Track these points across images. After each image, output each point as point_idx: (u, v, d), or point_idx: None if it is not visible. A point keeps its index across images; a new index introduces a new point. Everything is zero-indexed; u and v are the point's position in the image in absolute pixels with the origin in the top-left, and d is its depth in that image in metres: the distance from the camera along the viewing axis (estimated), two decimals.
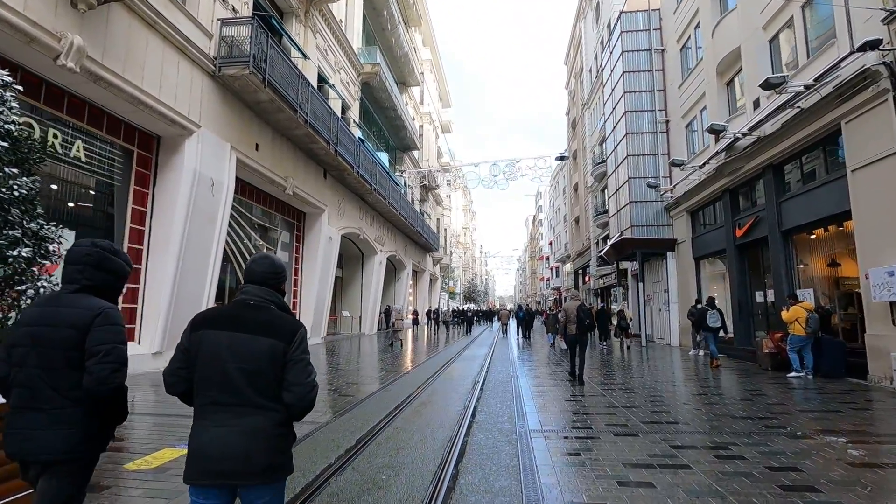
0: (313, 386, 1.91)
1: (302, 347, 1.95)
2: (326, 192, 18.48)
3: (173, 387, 1.95)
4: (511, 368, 11.24)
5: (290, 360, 1.88)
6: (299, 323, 2.02)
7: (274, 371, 1.86)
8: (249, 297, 2.00)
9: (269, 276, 2.05)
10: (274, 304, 2.03)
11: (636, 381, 9.10)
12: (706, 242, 15.71)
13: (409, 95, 34.42)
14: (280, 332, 1.92)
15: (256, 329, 1.89)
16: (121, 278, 2.31)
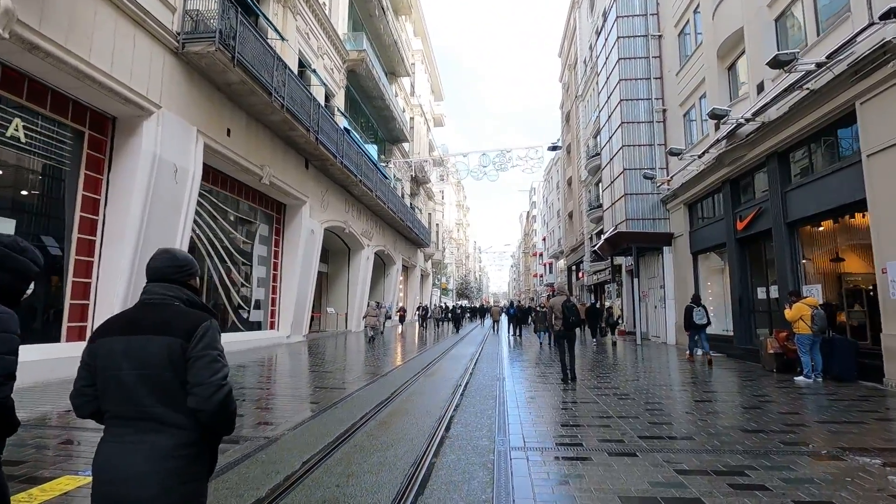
0: (220, 386, 1.65)
1: (205, 342, 1.70)
2: (308, 183, 17.62)
3: (81, 409, 1.77)
4: (498, 370, 10.47)
5: (190, 358, 1.67)
6: (205, 316, 1.80)
7: (176, 375, 1.66)
8: (150, 296, 1.84)
9: (171, 270, 1.88)
10: (179, 301, 1.84)
11: (632, 385, 8.35)
12: (705, 236, 14.99)
13: (399, 86, 33.52)
14: (177, 328, 1.71)
15: (152, 328, 1.71)
16: (23, 279, 2.07)
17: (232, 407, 1.69)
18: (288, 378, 8.92)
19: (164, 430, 1.64)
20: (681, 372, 10.24)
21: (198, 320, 1.75)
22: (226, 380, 1.70)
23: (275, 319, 16.87)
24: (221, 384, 1.67)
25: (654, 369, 10.68)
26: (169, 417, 1.64)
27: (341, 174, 19.28)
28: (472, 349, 15.46)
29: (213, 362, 1.69)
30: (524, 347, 16.27)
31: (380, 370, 10.31)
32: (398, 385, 8.19)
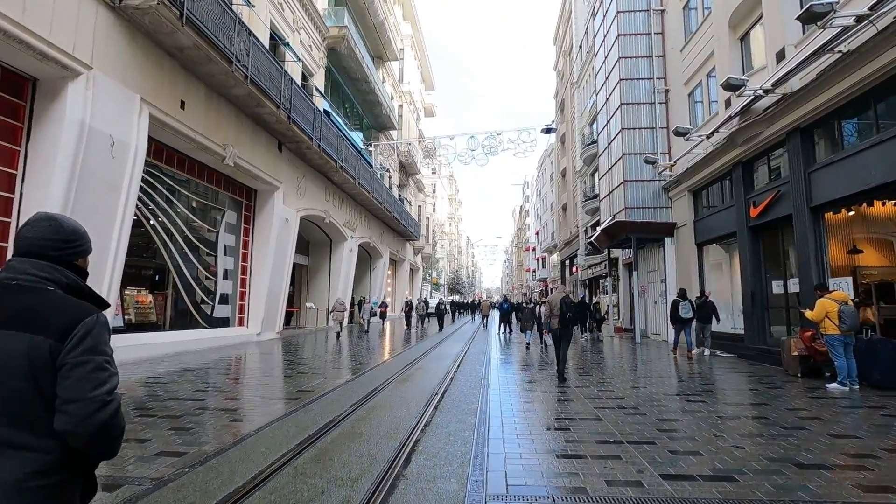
0: (103, 403, 1.28)
1: (88, 344, 1.30)
2: (282, 167, 16.21)
3: None
4: (483, 374, 9.17)
5: (64, 365, 1.27)
6: (89, 308, 1.38)
7: (37, 384, 1.26)
8: (13, 276, 1.37)
9: (52, 244, 1.42)
10: (57, 286, 1.39)
11: (638, 394, 7.09)
12: (711, 226, 13.76)
13: (387, 71, 32.05)
14: (48, 323, 1.30)
15: (11, 322, 1.29)
16: None
17: (118, 430, 1.33)
18: (231, 386, 7.58)
19: (16, 454, 1.25)
20: (690, 375, 9.00)
21: (80, 314, 1.34)
22: (113, 394, 1.32)
23: (244, 315, 15.49)
24: (106, 400, 1.29)
25: (659, 372, 9.43)
26: (23, 439, 1.25)
27: (320, 159, 17.87)
28: (457, 348, 14.17)
29: (97, 371, 1.31)
30: (516, 347, 15.01)
31: (348, 374, 8.97)
32: (361, 395, 6.86)
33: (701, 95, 14.55)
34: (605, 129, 18.53)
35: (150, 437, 4.66)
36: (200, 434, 4.82)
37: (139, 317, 11.96)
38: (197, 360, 10.33)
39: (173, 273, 12.60)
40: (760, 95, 9.98)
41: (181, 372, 8.66)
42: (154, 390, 6.97)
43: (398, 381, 8.35)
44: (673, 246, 15.77)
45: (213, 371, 8.89)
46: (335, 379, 8.35)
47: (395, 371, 9.32)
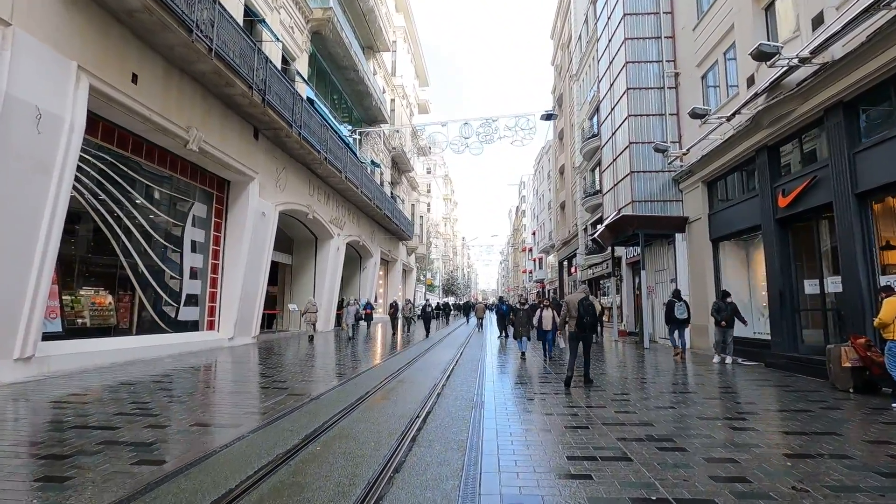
0: None
1: None
2: (259, 156, 14.83)
3: None
4: (476, 391, 7.81)
5: None
6: None
7: None
8: None
9: None
10: None
11: (669, 417, 5.76)
12: (729, 219, 12.46)
13: (379, 63, 30.70)
14: None
15: None
16: None
17: None
18: (163, 407, 6.18)
19: None
20: (721, 391, 7.67)
21: None
22: None
23: (214, 318, 14.07)
24: None
25: (681, 385, 8.11)
26: None
27: (301, 149, 16.49)
28: (448, 355, 12.81)
29: None
30: (511, 354, 13.66)
31: (314, 390, 7.59)
32: (323, 420, 5.48)
33: (716, 78, 13.26)
34: (608, 118, 17.22)
35: None
36: (71, 491, 3.43)
37: (96, 320, 10.57)
38: (146, 370, 8.91)
39: (129, 271, 11.18)
40: (795, 66, 8.69)
41: (115, 388, 7.26)
42: (63, 414, 5.58)
43: (373, 399, 6.97)
44: (684, 242, 14.48)
45: (156, 386, 7.48)
46: (298, 397, 6.96)
47: (372, 385, 7.94)
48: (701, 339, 13.41)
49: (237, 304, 14.15)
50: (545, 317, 11.51)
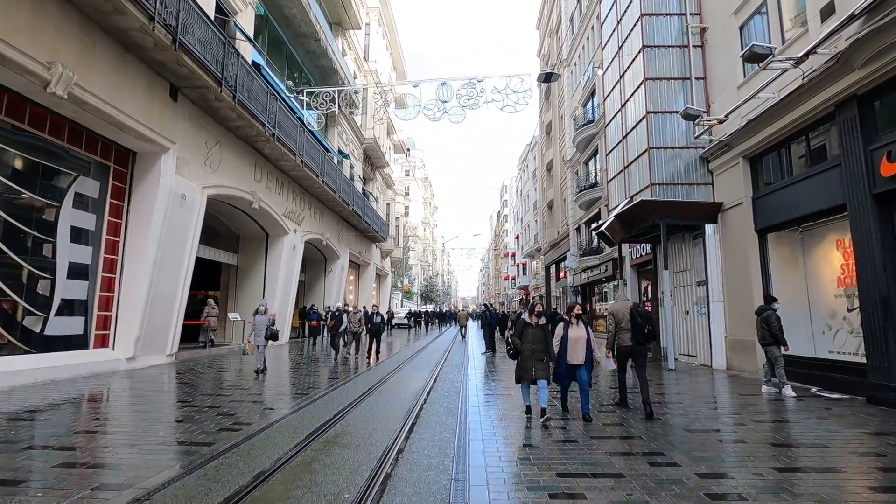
0: None
1: None
2: (178, 122, 11.50)
3: None
4: (455, 453, 4.63)
5: None
6: None
7: None
8: None
9: None
10: None
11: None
12: (786, 203, 9.58)
13: (349, 43, 27.55)
14: None
15: None
16: None
17: None
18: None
19: None
20: (849, 451, 4.65)
21: None
22: None
23: (108, 332, 10.61)
24: None
25: (787, 438, 5.08)
26: None
27: (239, 119, 13.19)
28: (422, 378, 9.62)
29: None
30: (504, 373, 10.52)
31: (228, 436, 4.29)
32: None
33: (762, 26, 10.42)
34: (616, 87, 14.28)
35: None
36: None
37: None
38: None
39: None
40: None
41: None
42: None
43: (303, 459, 3.72)
44: (716, 236, 11.57)
45: None
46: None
47: (317, 425, 4.68)
48: (743, 359, 10.47)
49: (142, 313, 10.73)
50: (576, 339, 6.25)
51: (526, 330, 6.12)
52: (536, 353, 6.01)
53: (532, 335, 6.07)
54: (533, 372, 5.99)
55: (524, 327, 6.12)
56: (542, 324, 6.14)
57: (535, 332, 6.08)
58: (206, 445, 4.85)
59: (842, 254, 8.79)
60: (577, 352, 6.24)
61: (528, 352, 6.04)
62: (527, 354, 6.04)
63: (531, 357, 6.02)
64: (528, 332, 6.08)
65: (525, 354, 6.06)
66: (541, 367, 5.98)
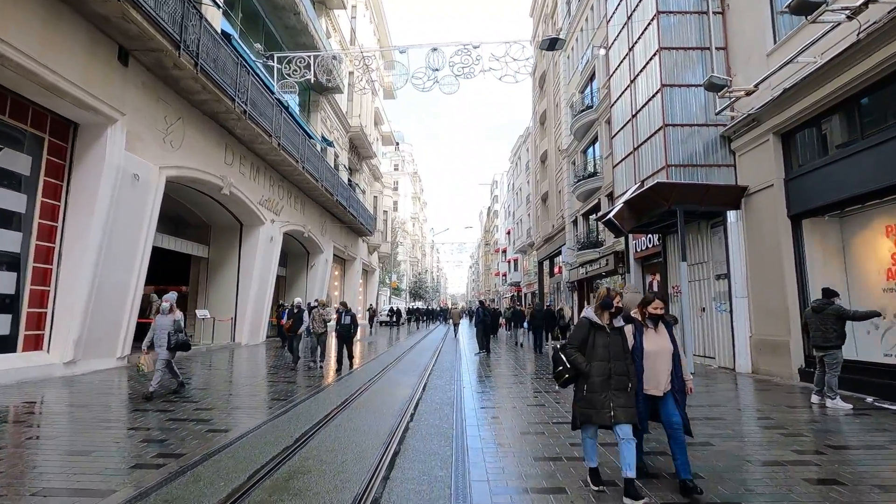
0: None
1: None
2: (128, 91, 9.98)
3: None
4: (453, 481, 3.29)
5: None
6: None
7: None
8: None
9: None
10: None
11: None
12: (825, 184, 8.36)
13: (334, 25, 26.00)
14: None
15: None
16: None
17: None
18: None
19: None
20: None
21: None
22: None
23: (41, 332, 9.10)
24: None
25: (862, 458, 3.81)
26: None
27: (204, 91, 11.68)
28: (408, 386, 8.26)
29: None
30: (503, 380, 9.20)
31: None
32: None
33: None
34: (626, 59, 12.95)
35: None
36: None
37: None
38: None
39: None
40: None
41: None
42: None
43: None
44: (740, 223, 10.33)
45: None
46: None
47: (265, 460, 3.30)
48: (772, 361, 9.23)
49: (84, 310, 9.22)
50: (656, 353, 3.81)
51: (595, 338, 3.72)
52: (615, 377, 3.59)
53: (606, 347, 3.67)
54: (611, 411, 3.53)
55: (590, 332, 3.75)
56: (622, 327, 3.79)
57: (612, 340, 3.69)
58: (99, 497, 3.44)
59: (894, 242, 7.60)
60: (657, 374, 3.78)
61: (600, 375, 3.61)
62: (598, 380, 3.60)
63: (606, 384, 3.58)
64: (599, 343, 3.69)
65: (595, 380, 3.61)
66: (622, 401, 3.55)
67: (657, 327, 3.90)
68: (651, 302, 3.87)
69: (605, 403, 3.56)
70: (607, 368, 3.61)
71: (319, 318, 11.10)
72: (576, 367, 3.70)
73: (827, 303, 6.60)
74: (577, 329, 3.84)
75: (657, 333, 3.88)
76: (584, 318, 3.82)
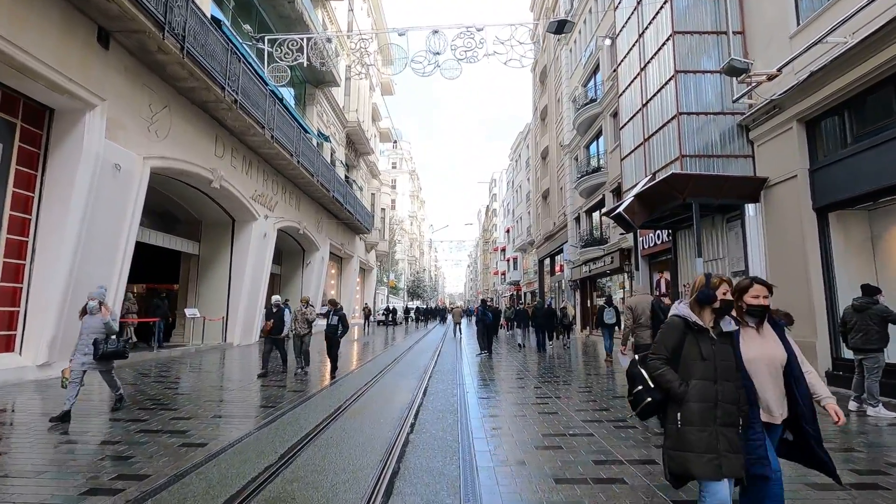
0: None
1: None
2: (109, 74, 9.35)
3: None
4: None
5: None
6: None
7: None
8: None
9: None
10: None
11: None
12: (855, 174, 7.79)
13: (330, 16, 25.37)
14: None
15: None
16: None
17: None
18: None
19: None
20: None
21: None
22: None
23: (13, 332, 8.47)
24: None
25: None
26: None
27: (191, 78, 11.05)
28: (407, 390, 7.66)
29: None
30: (509, 384, 8.62)
31: None
32: None
33: None
34: (636, 45, 12.35)
35: None
36: None
37: None
38: None
39: None
40: None
41: None
42: None
43: None
44: (759, 217, 9.75)
45: None
46: None
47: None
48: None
49: (59, 309, 8.59)
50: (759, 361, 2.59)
51: (693, 346, 2.51)
52: (723, 405, 2.42)
53: (710, 360, 2.47)
54: (718, 458, 2.36)
55: (684, 338, 2.54)
56: (733, 332, 2.56)
57: (719, 351, 2.49)
58: None
59: None
60: (765, 391, 2.60)
61: (701, 401, 2.43)
62: (698, 407, 2.42)
63: (710, 416, 2.41)
64: (700, 354, 2.48)
65: (693, 407, 2.43)
66: (731, 442, 2.39)
67: (761, 326, 2.67)
68: (749, 288, 2.66)
69: (711, 445, 2.37)
70: (713, 392, 2.40)
71: (302, 317, 9.89)
72: (665, 389, 2.48)
73: (870, 301, 6.01)
74: (665, 332, 2.60)
75: (761, 335, 2.66)
76: (676, 316, 2.59)
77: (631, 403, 2.63)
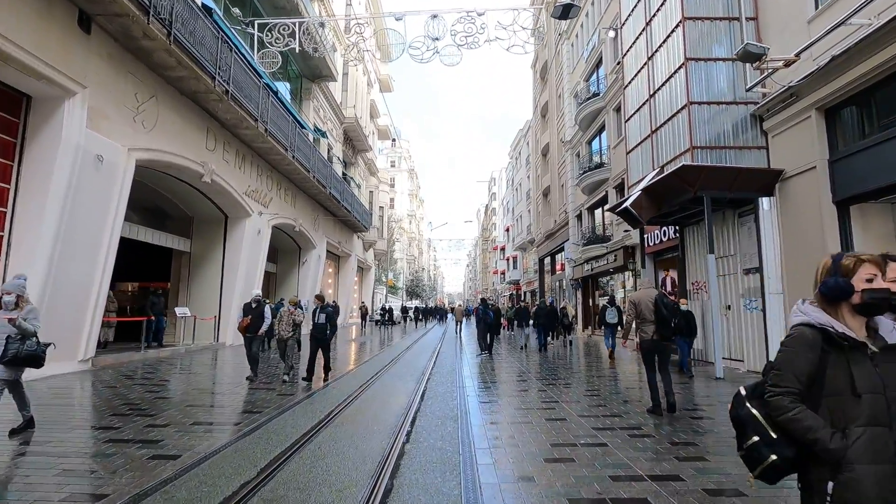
0: None
1: None
2: (91, 61, 8.88)
3: None
4: None
5: None
6: None
7: None
8: None
9: None
10: None
11: None
12: (879, 164, 7.34)
13: (327, 9, 24.83)
14: None
15: None
16: None
17: None
18: None
19: None
20: None
21: None
22: None
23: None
24: None
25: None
26: None
27: (180, 67, 10.57)
28: (404, 393, 7.20)
29: None
30: (511, 387, 8.16)
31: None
32: None
33: None
34: (641, 36, 11.88)
35: None
36: None
37: None
38: None
39: None
40: None
41: None
42: None
43: None
44: (773, 211, 9.29)
45: None
46: None
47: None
48: None
49: (37, 306, 8.09)
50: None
51: (850, 370, 1.57)
52: None
53: (877, 391, 1.54)
54: None
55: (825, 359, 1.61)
56: None
57: (889, 372, 1.56)
58: None
59: None
60: None
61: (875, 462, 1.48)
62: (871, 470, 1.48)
63: (892, 488, 1.47)
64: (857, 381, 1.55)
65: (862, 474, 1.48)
66: None
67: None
68: None
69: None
70: (890, 445, 1.50)
71: (289, 318, 8.79)
72: (808, 442, 1.57)
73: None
74: (792, 352, 1.67)
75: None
76: (807, 326, 1.71)
77: (744, 460, 1.70)
